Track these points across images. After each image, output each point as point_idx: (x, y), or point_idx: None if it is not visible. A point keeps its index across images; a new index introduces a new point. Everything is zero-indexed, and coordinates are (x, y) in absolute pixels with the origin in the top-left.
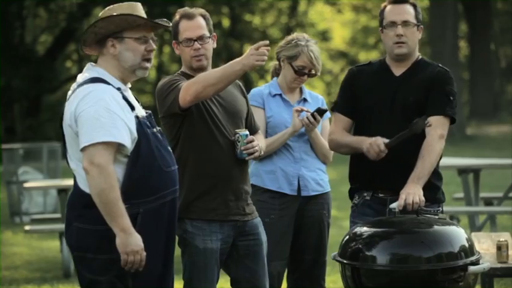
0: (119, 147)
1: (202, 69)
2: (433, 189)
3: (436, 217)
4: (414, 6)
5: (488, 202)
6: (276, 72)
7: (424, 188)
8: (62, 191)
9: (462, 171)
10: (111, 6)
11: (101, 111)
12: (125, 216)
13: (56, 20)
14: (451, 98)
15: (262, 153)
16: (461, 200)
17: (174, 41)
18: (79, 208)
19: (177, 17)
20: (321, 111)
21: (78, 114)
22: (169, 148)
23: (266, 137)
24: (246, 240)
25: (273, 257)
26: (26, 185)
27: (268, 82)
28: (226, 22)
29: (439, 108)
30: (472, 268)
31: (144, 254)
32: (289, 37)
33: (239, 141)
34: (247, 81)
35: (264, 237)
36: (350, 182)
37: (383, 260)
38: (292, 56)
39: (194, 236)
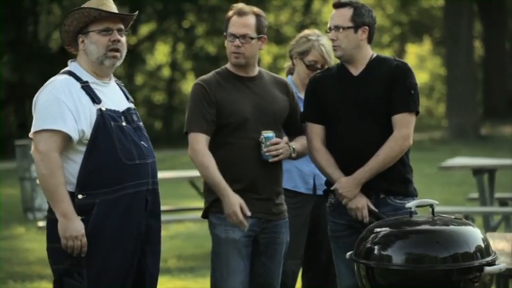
0: (66, 137)
1: (240, 66)
2: (405, 183)
3: (452, 217)
4: (355, 8)
5: (503, 202)
6: (291, 72)
7: (396, 182)
8: None
9: (477, 171)
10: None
11: (51, 100)
12: (65, 201)
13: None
14: (412, 91)
15: (294, 154)
16: (476, 201)
17: (224, 34)
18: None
19: (230, 12)
20: None
21: (34, 103)
22: (143, 142)
23: None
24: (267, 238)
25: (288, 255)
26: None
27: None
28: None
29: (402, 106)
30: (488, 269)
31: (85, 240)
32: (300, 34)
33: (263, 143)
34: None
35: (286, 237)
36: (326, 182)
37: (398, 259)
38: (304, 51)
39: (216, 226)
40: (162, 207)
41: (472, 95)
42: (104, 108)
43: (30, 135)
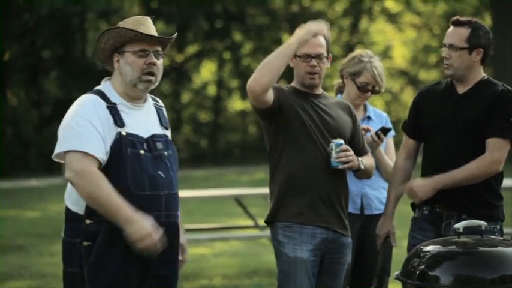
0: (96, 160)
1: (313, 87)
2: (489, 207)
3: (501, 238)
4: (473, 28)
5: None
6: (340, 90)
7: (479, 205)
8: None
9: None
10: (125, 20)
11: (79, 120)
12: (123, 207)
13: None
14: (511, 119)
15: (362, 167)
16: None
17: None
18: (64, 222)
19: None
20: (385, 130)
21: (62, 122)
22: (160, 172)
23: None
24: (331, 258)
25: None
26: None
27: None
28: (286, 38)
29: (497, 130)
30: None
31: (157, 235)
32: (353, 54)
33: (332, 150)
34: None
35: (349, 258)
36: None
37: (446, 280)
38: (355, 72)
39: (285, 245)
40: (207, 225)
41: None
42: (124, 133)
43: (55, 157)
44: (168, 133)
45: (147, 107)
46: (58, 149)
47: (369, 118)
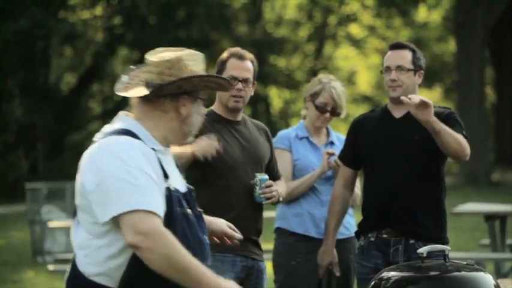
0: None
1: (236, 111)
2: (437, 230)
3: (464, 263)
4: (413, 51)
5: None
6: (305, 118)
7: (428, 227)
8: None
9: (489, 217)
10: (182, 51)
11: (131, 170)
12: (206, 273)
13: (81, 58)
14: (463, 131)
15: (281, 199)
16: (488, 247)
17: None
18: None
19: (226, 54)
20: None
21: (102, 173)
22: (205, 237)
23: (293, 179)
24: (250, 285)
25: None
26: (50, 224)
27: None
28: None
29: (460, 132)
30: None
31: None
32: (315, 78)
33: (257, 185)
34: (273, 128)
35: (265, 283)
36: (359, 224)
37: None
38: (314, 93)
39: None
40: None
41: (484, 141)
42: (172, 188)
43: (107, 219)
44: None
45: (170, 153)
46: (113, 210)
47: (332, 143)
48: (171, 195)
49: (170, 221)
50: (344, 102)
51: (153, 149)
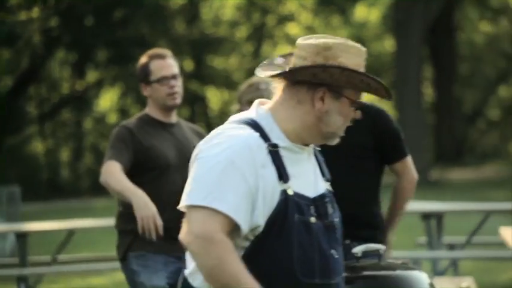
0: (231, 223)
1: (174, 108)
2: (372, 230)
3: (399, 261)
4: None
5: (451, 247)
6: None
7: (363, 227)
8: (20, 236)
9: (425, 216)
10: (336, 40)
11: (225, 166)
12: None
13: (18, 61)
14: (402, 135)
15: None
16: (425, 246)
17: (142, 83)
18: None
19: (145, 59)
20: None
21: (197, 158)
22: (334, 252)
23: None
24: None
25: None
26: None
27: None
28: (189, 65)
29: (402, 151)
30: None
31: None
32: (250, 81)
33: None
34: (212, 129)
35: None
36: None
37: None
38: (253, 100)
39: (140, 274)
40: (110, 255)
41: (422, 140)
42: (290, 192)
43: (183, 207)
44: (330, 188)
45: (309, 152)
46: (185, 200)
47: None
48: (286, 200)
49: (283, 228)
50: None
51: (275, 144)
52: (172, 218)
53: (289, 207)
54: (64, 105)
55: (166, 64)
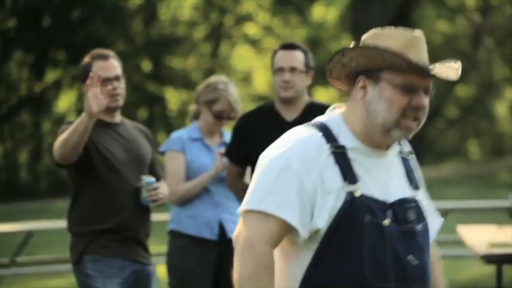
0: (286, 227)
1: (117, 109)
2: None
3: None
4: (305, 52)
5: None
6: (195, 116)
7: None
8: None
9: None
10: (383, 30)
11: (282, 168)
12: None
13: None
14: None
15: (167, 200)
16: None
17: (84, 83)
18: None
19: (88, 59)
20: None
21: (259, 161)
22: (411, 258)
23: (186, 181)
24: None
25: None
26: None
27: (187, 126)
28: (147, 65)
29: None
30: None
31: None
32: (208, 81)
33: (144, 188)
34: (170, 129)
35: (155, 286)
36: None
37: None
38: (211, 100)
39: (95, 278)
40: (68, 257)
41: None
42: (358, 194)
43: (240, 212)
44: (421, 196)
45: (391, 158)
46: (243, 204)
47: (225, 144)
48: (353, 200)
49: (351, 230)
50: (240, 105)
51: (341, 146)
52: (128, 218)
53: (356, 208)
54: (22, 106)
55: (109, 65)
